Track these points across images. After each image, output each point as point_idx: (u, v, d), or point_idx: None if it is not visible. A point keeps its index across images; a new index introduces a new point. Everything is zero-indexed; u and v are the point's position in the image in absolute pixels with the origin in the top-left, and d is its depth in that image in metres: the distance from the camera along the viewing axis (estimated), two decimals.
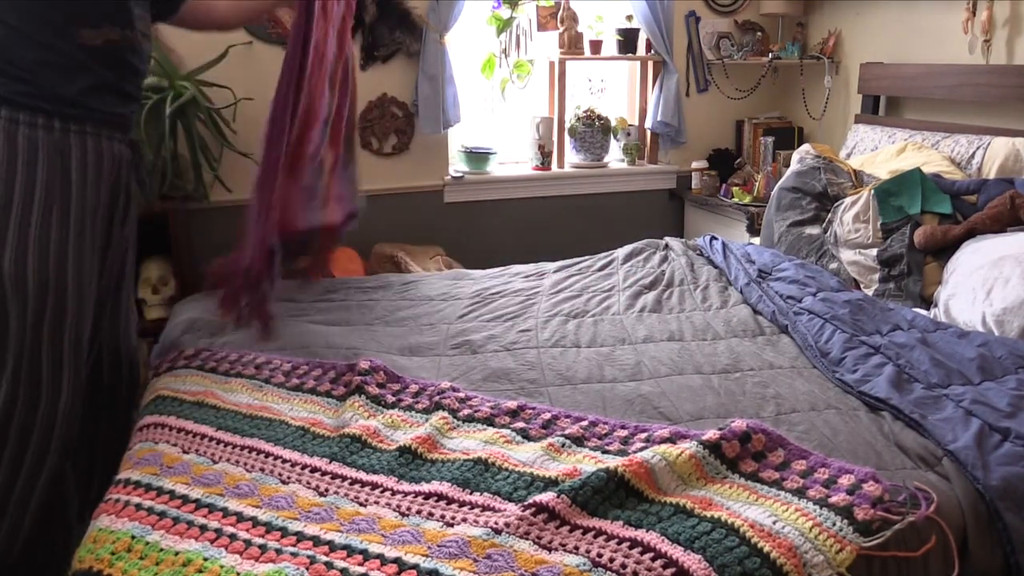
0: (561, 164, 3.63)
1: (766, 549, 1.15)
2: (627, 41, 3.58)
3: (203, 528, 1.20)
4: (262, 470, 1.38)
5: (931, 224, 2.36)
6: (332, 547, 1.16)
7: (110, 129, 1.70)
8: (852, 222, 2.51)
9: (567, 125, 3.61)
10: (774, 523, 1.20)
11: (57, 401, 1.64)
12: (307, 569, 1.10)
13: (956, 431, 1.47)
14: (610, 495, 1.25)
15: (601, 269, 2.58)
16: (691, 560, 1.12)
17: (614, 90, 3.85)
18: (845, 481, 1.30)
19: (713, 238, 2.74)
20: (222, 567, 1.11)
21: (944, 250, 2.29)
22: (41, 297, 1.61)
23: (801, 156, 2.87)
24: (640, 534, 1.17)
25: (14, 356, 1.60)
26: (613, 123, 3.70)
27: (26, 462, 1.63)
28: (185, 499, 1.28)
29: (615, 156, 3.77)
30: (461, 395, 1.63)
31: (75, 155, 1.64)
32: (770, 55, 3.65)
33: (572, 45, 3.46)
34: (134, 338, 1.99)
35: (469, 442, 1.46)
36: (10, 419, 1.61)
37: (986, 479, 1.33)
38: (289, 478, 1.35)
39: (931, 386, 1.67)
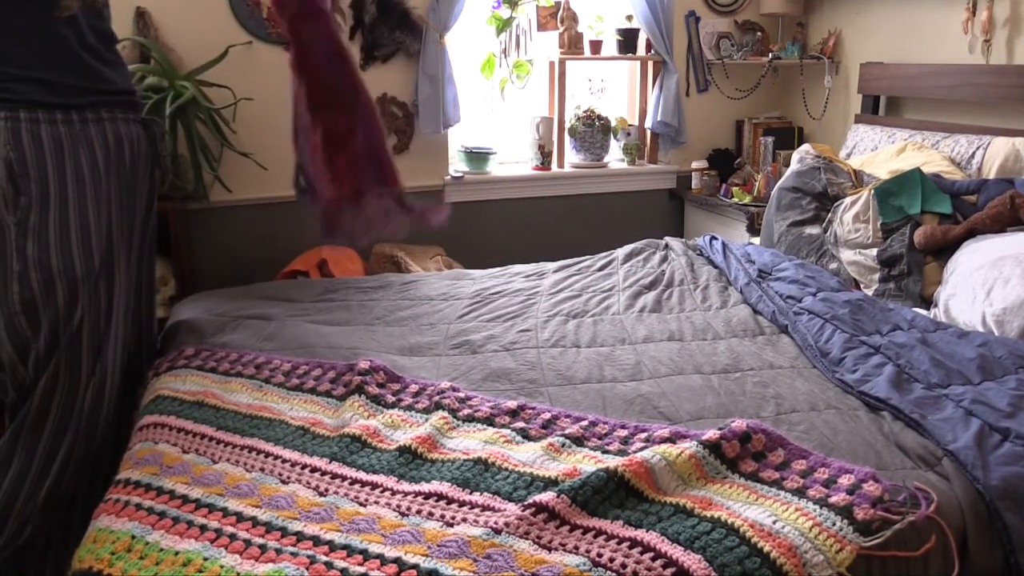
0: (561, 164, 3.63)
1: (766, 549, 1.15)
2: (627, 41, 3.58)
3: (203, 528, 1.20)
4: (262, 470, 1.38)
5: (931, 224, 2.36)
6: (332, 547, 1.16)
7: (123, 110, 1.74)
8: (852, 222, 2.51)
9: (567, 125, 3.61)
10: (774, 523, 1.20)
11: (102, 387, 1.71)
12: (307, 569, 1.10)
13: (956, 431, 1.47)
14: (610, 495, 1.25)
15: (601, 269, 2.58)
16: (691, 560, 1.12)
17: (614, 90, 3.85)
18: (845, 481, 1.30)
19: (713, 238, 2.74)
20: (222, 567, 1.11)
21: (944, 250, 2.29)
22: (91, 289, 1.67)
23: (801, 156, 2.87)
24: (640, 534, 1.17)
25: (63, 346, 1.65)
26: (613, 123, 3.70)
27: (64, 446, 1.68)
28: (185, 499, 1.28)
29: (615, 156, 3.77)
30: (461, 395, 1.63)
31: (98, 143, 1.68)
32: (770, 55, 3.65)
33: (572, 45, 3.46)
34: (155, 327, 2.03)
35: (469, 442, 1.46)
36: (48, 407, 1.66)
37: (986, 479, 1.33)
38: (289, 478, 1.35)
39: (931, 386, 1.67)
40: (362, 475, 1.35)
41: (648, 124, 3.68)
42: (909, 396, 1.62)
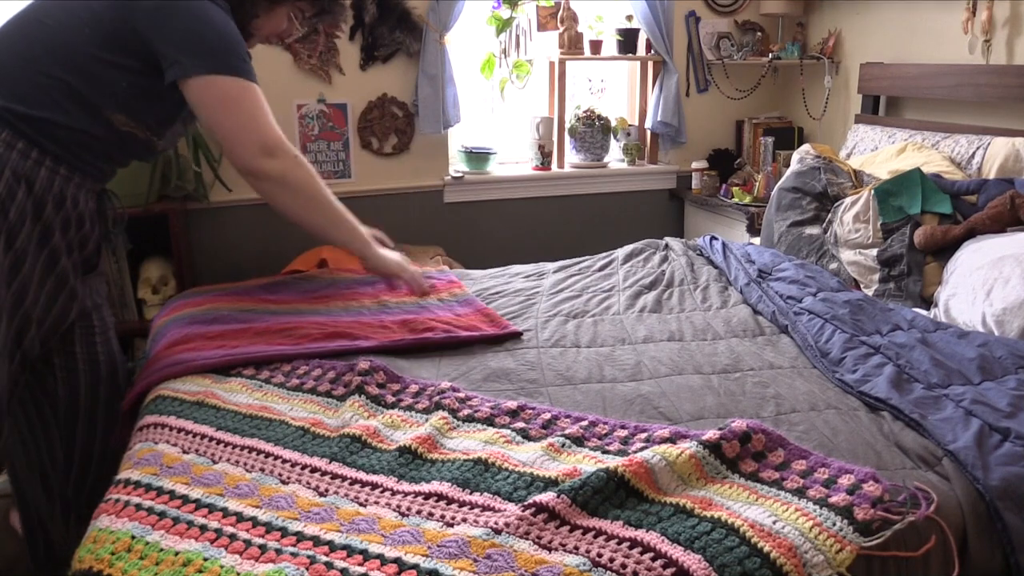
0: (561, 164, 3.63)
1: (766, 549, 1.15)
2: (627, 41, 3.58)
3: (203, 528, 1.20)
4: (262, 470, 1.38)
5: (931, 224, 2.36)
6: (332, 547, 1.16)
7: (82, 177, 1.74)
8: (852, 222, 2.51)
9: (567, 125, 3.61)
10: (774, 523, 1.20)
11: None
12: (307, 569, 1.10)
13: (956, 431, 1.47)
14: (610, 495, 1.25)
15: (601, 269, 2.58)
16: (691, 560, 1.12)
17: (614, 90, 3.85)
18: (845, 481, 1.30)
19: (713, 238, 2.74)
20: (222, 567, 1.11)
21: (944, 250, 2.29)
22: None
23: (801, 156, 2.87)
24: (640, 534, 1.17)
25: None
26: (613, 123, 3.70)
27: None
28: (185, 499, 1.27)
29: (615, 156, 3.77)
30: (461, 395, 1.63)
31: (40, 185, 1.67)
32: (770, 55, 3.65)
33: (572, 45, 3.46)
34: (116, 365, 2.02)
35: (469, 442, 1.46)
36: None
37: (986, 479, 1.33)
38: (289, 478, 1.35)
39: (931, 386, 1.67)
40: (362, 475, 1.35)
41: (648, 124, 3.68)
42: (909, 396, 1.62)
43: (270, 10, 1.88)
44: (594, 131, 3.61)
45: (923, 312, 2.12)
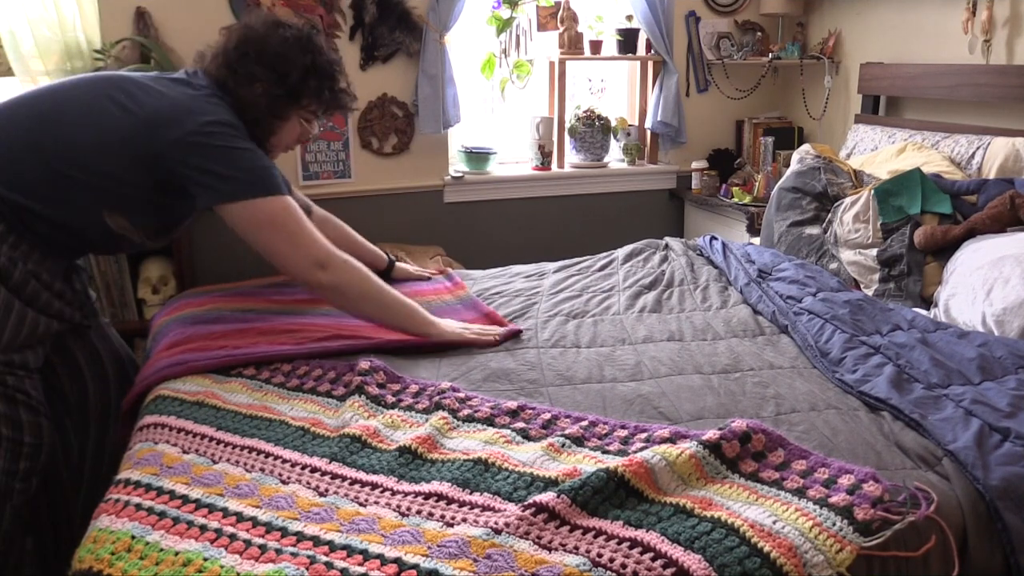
0: (561, 164, 3.63)
1: (766, 549, 1.15)
2: (627, 41, 3.58)
3: (203, 528, 1.20)
4: (262, 470, 1.38)
5: (931, 224, 2.36)
6: (332, 547, 1.16)
7: (54, 260, 1.78)
8: (852, 222, 2.51)
9: (567, 125, 3.61)
10: (774, 523, 1.20)
11: None
12: (307, 569, 1.10)
13: (956, 431, 1.47)
14: (610, 495, 1.25)
15: (601, 269, 2.58)
16: (691, 560, 1.12)
17: (614, 90, 3.85)
18: (845, 481, 1.30)
19: (713, 238, 2.74)
20: (222, 567, 1.11)
21: (944, 250, 2.29)
22: None
23: (801, 156, 2.87)
24: (640, 534, 1.17)
25: None
26: (613, 123, 3.70)
27: None
28: (185, 499, 1.27)
29: (615, 156, 3.77)
30: (461, 395, 1.63)
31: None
32: (770, 55, 3.65)
33: (572, 45, 3.46)
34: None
35: (469, 442, 1.46)
36: None
37: (986, 479, 1.33)
38: (289, 478, 1.35)
39: (931, 386, 1.67)
40: (362, 475, 1.35)
41: (648, 124, 3.68)
42: (909, 396, 1.62)
43: (281, 125, 1.92)
44: (594, 131, 3.61)
45: (923, 312, 2.12)
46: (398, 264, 2.39)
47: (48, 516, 1.97)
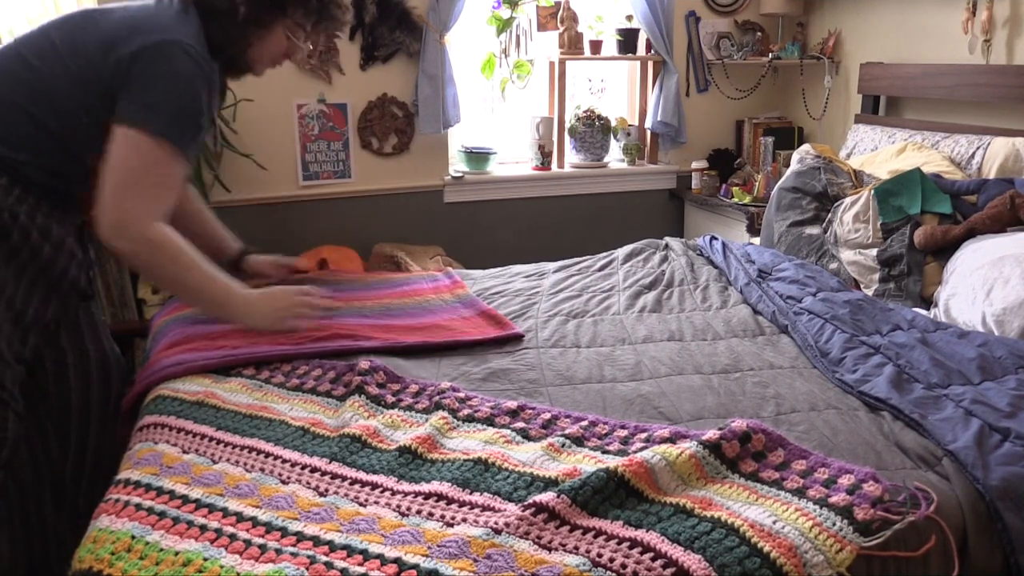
0: (561, 164, 3.63)
1: (766, 549, 1.15)
2: (627, 41, 3.58)
3: (203, 528, 1.20)
4: (262, 470, 1.38)
5: (931, 224, 2.36)
6: (332, 547, 1.16)
7: (62, 213, 1.74)
8: (852, 222, 2.51)
9: (567, 125, 3.61)
10: (774, 523, 1.20)
11: None
12: (307, 569, 1.10)
13: (956, 431, 1.47)
14: (610, 495, 1.25)
15: (601, 269, 2.58)
16: (691, 560, 1.12)
17: (614, 90, 3.85)
18: (845, 481, 1.30)
19: (713, 238, 2.74)
20: (222, 567, 1.11)
21: (944, 250, 2.29)
22: None
23: (801, 156, 2.87)
24: (640, 534, 1.17)
25: None
26: (613, 123, 3.70)
27: None
28: (185, 499, 1.27)
29: (615, 156, 3.77)
30: (461, 395, 1.63)
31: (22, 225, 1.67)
32: (770, 55, 3.65)
33: (572, 45, 3.46)
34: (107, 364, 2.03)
35: (469, 442, 1.46)
36: None
37: (986, 479, 1.33)
38: (289, 478, 1.35)
39: (931, 386, 1.67)
40: (362, 475, 1.35)
41: (648, 124, 3.68)
42: (909, 396, 1.62)
43: (263, 34, 1.81)
44: (594, 131, 3.61)
45: (923, 312, 2.12)
46: (251, 257, 2.24)
47: (17, 513, 1.95)
